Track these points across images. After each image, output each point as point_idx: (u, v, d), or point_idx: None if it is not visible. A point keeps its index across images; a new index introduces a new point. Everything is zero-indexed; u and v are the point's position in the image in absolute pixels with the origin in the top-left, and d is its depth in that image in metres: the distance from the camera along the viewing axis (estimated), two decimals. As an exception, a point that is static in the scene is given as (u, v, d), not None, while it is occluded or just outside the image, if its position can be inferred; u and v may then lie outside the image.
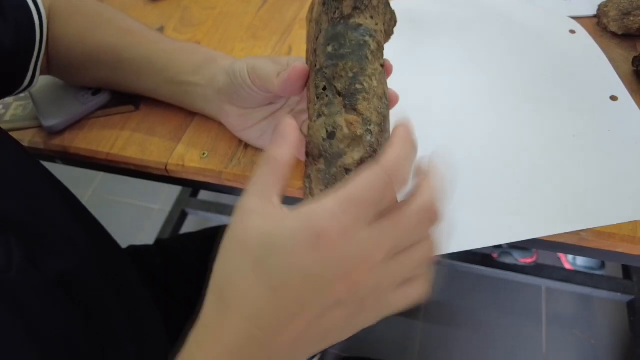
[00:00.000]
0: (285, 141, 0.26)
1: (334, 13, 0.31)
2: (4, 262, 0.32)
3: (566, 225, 0.38)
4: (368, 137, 0.28)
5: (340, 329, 0.25)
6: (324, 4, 0.32)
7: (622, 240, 0.37)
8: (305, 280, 0.23)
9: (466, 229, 0.39)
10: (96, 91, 0.53)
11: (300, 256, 0.23)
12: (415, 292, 0.26)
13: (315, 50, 0.32)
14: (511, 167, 0.42)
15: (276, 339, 0.24)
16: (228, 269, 0.25)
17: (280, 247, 0.23)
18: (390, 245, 0.24)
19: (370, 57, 0.30)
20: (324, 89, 0.30)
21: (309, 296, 0.23)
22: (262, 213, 0.24)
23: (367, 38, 0.30)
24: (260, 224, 0.24)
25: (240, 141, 0.47)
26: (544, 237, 0.38)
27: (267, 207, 0.24)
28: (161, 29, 0.62)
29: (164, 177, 0.50)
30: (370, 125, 0.28)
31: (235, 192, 0.48)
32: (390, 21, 0.35)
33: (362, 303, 0.24)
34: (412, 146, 0.25)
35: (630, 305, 1.09)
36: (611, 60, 0.48)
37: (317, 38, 0.32)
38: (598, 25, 0.52)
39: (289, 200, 0.43)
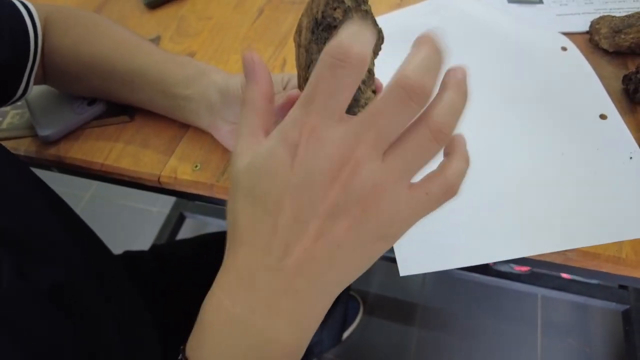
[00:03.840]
0: (255, 78, 0.26)
1: (324, 43, 0.31)
2: None
3: (552, 244, 0.38)
4: None
5: (352, 242, 0.23)
6: (312, 32, 0.32)
7: (607, 261, 0.37)
8: (294, 192, 0.23)
9: (453, 247, 0.39)
10: (92, 101, 0.54)
11: (282, 171, 0.23)
12: (435, 187, 0.24)
13: (307, 79, 0.32)
14: (498, 185, 0.42)
15: (287, 261, 0.23)
16: (232, 209, 0.25)
17: (262, 170, 0.23)
18: (371, 136, 0.22)
19: (362, 87, 0.30)
20: None
21: (303, 208, 0.23)
22: (248, 149, 0.25)
23: None
24: (246, 159, 0.24)
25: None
26: (530, 256, 0.38)
27: (253, 143, 0.25)
28: (157, 39, 0.63)
29: (157, 188, 0.51)
30: None
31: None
32: (377, 41, 0.35)
33: (364, 205, 0.23)
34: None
35: (625, 314, 1.09)
36: (602, 77, 0.48)
37: (309, 67, 0.32)
38: (590, 41, 0.52)
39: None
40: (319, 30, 0.31)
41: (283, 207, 0.23)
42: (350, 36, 0.21)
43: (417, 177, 0.24)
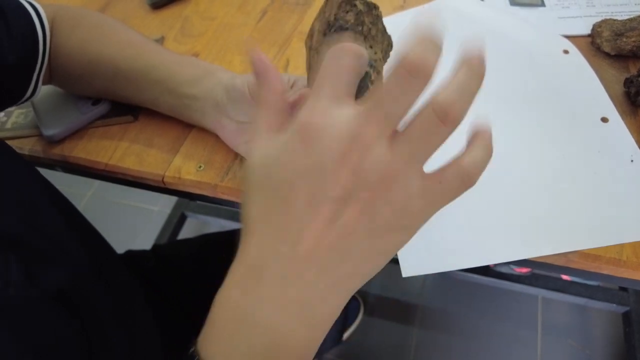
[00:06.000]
0: (266, 77, 0.26)
1: (335, 44, 0.32)
2: (3, 280, 0.32)
3: (553, 247, 0.38)
4: None
5: (364, 230, 0.23)
6: (324, 34, 0.33)
7: (608, 263, 0.37)
8: (305, 175, 0.23)
9: (455, 248, 0.39)
10: (96, 101, 0.54)
11: (294, 155, 0.23)
12: (450, 174, 0.23)
13: None
14: (500, 187, 0.42)
15: (300, 248, 0.23)
16: (246, 202, 0.25)
17: (277, 160, 0.24)
18: (379, 116, 0.22)
19: (371, 86, 0.31)
20: None
21: (314, 191, 0.23)
22: (264, 144, 0.25)
23: (367, 69, 0.31)
24: (262, 153, 0.25)
25: (236, 154, 0.48)
26: (531, 258, 0.38)
27: (269, 138, 0.25)
28: (161, 39, 0.63)
29: (161, 188, 0.51)
30: None
31: (231, 203, 0.49)
32: (387, 47, 0.36)
33: (374, 190, 0.22)
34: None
35: (625, 316, 1.09)
36: (603, 80, 0.48)
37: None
38: (592, 44, 0.52)
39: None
40: (330, 32, 0.32)
41: (296, 193, 0.23)
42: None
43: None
